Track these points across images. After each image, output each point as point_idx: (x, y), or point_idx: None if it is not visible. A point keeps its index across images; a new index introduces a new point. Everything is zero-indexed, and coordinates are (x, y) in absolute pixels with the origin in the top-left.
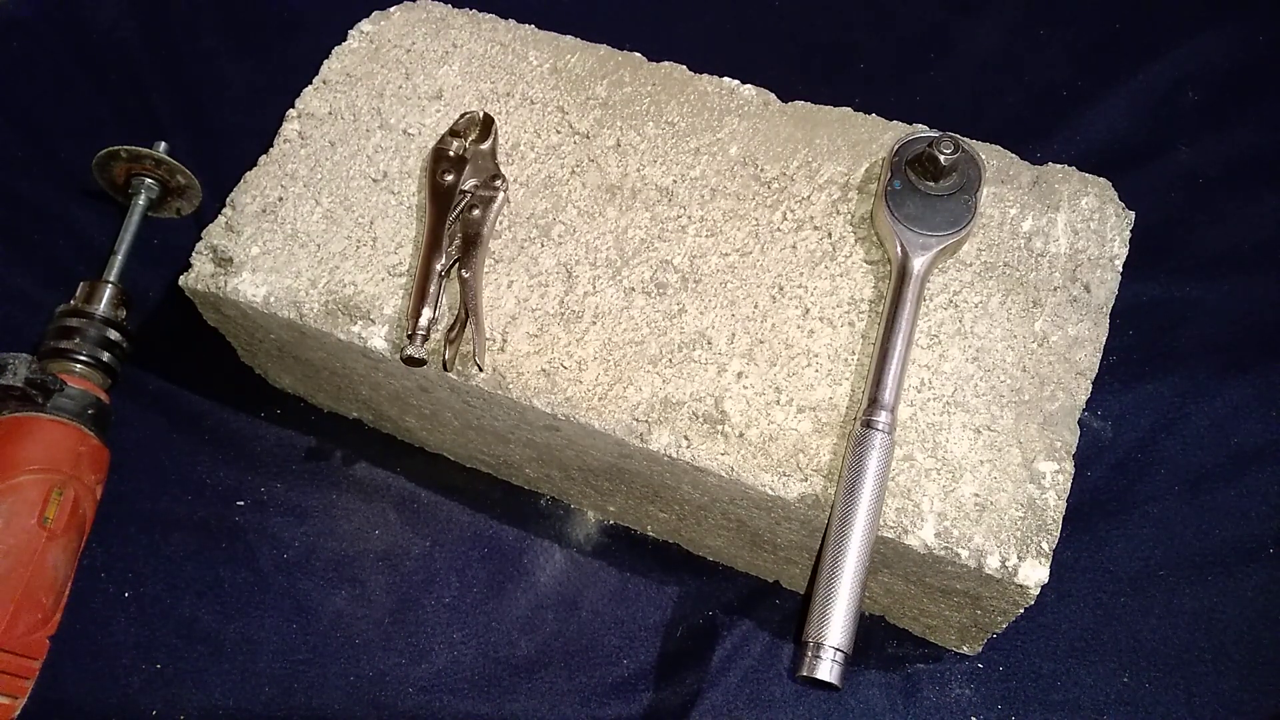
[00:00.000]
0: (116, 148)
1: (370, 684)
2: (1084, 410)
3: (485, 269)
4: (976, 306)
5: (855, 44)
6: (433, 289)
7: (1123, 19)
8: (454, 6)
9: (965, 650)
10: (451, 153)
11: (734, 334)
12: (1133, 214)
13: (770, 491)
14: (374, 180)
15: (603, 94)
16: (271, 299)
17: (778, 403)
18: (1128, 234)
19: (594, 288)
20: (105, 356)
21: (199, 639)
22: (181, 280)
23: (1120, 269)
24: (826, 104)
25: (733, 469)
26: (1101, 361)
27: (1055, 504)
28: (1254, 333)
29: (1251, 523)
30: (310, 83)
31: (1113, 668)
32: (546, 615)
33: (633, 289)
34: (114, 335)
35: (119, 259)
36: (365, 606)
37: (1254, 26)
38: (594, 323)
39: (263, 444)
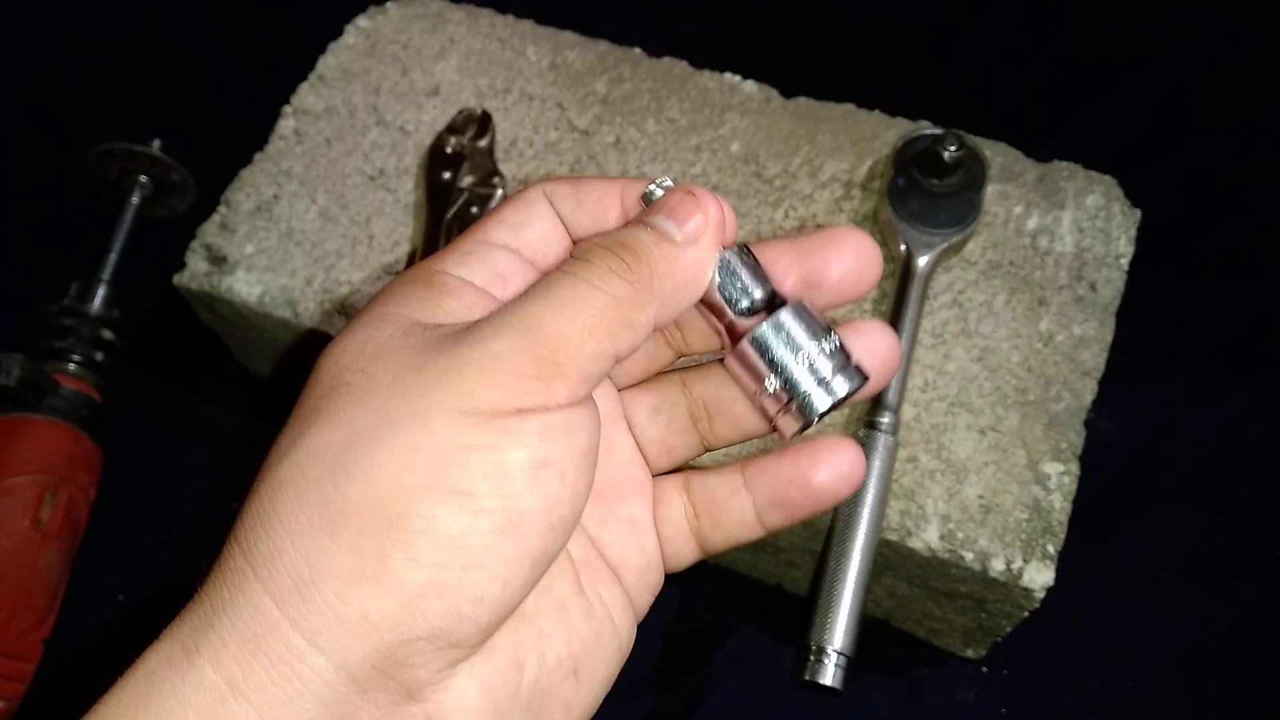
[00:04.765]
0: (110, 145)
1: None
2: (1090, 411)
3: None
4: (981, 306)
5: (859, 39)
6: None
7: (1130, 14)
8: (451, 1)
9: (969, 654)
10: (449, 150)
11: None
12: (1139, 212)
13: None
14: (370, 178)
15: (602, 90)
16: (266, 298)
17: None
18: (1134, 232)
19: None
20: (99, 356)
21: None
22: (175, 279)
23: (1126, 268)
24: (829, 100)
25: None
26: (1108, 362)
27: (1061, 506)
28: (1261, 333)
29: (1260, 525)
30: (306, 79)
31: (1118, 671)
32: None
33: None
34: (107, 334)
35: (112, 257)
36: None
37: (1264, 23)
38: None
39: (258, 445)
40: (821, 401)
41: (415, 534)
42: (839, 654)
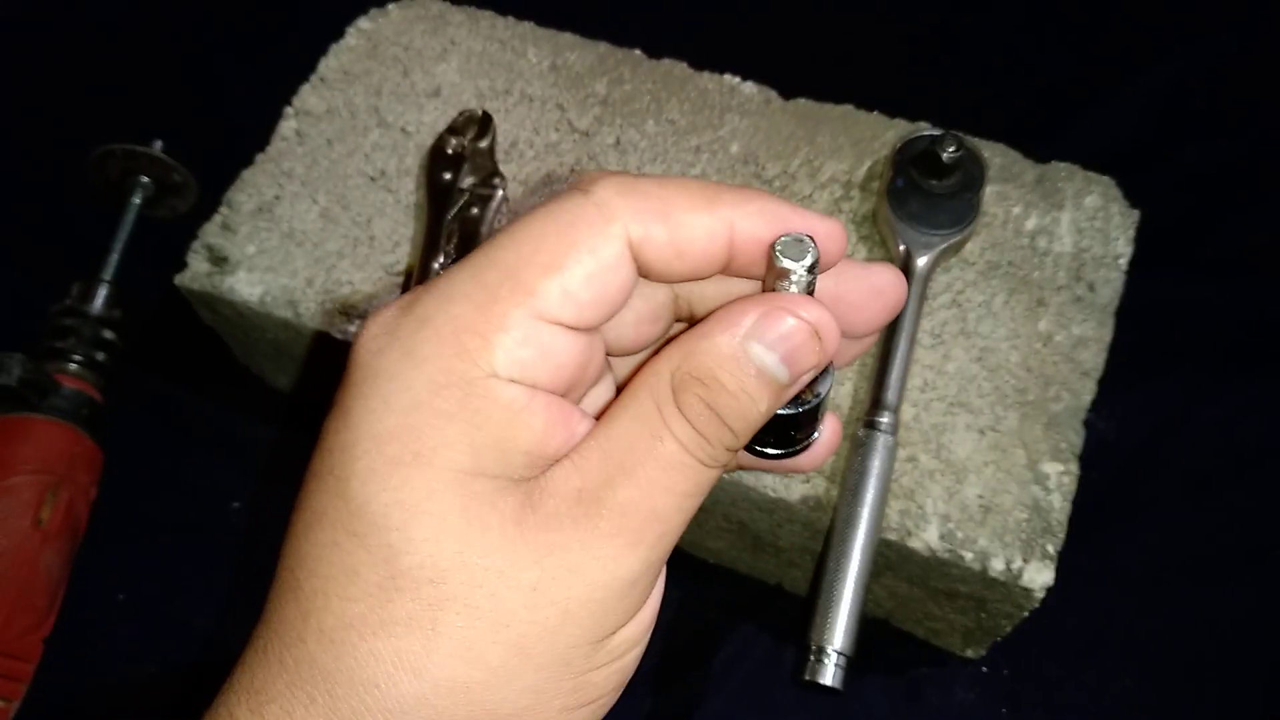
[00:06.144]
0: (112, 146)
1: None
2: (1089, 411)
3: None
4: (980, 306)
5: (859, 39)
6: None
7: (1130, 15)
8: (452, 3)
9: (969, 654)
10: (449, 151)
11: None
12: (1137, 213)
13: (772, 493)
14: (371, 179)
15: (602, 91)
16: (267, 298)
17: None
18: (1132, 233)
19: None
20: (100, 356)
21: (194, 642)
22: (177, 279)
23: (1125, 268)
24: (829, 100)
25: (734, 470)
26: (1107, 362)
27: (1060, 506)
28: (1261, 333)
29: (1258, 525)
30: (307, 80)
31: (1118, 671)
32: None
33: None
34: (108, 335)
35: (114, 258)
36: None
37: (1264, 23)
38: None
39: (259, 445)
40: (775, 451)
41: None
42: (839, 654)
